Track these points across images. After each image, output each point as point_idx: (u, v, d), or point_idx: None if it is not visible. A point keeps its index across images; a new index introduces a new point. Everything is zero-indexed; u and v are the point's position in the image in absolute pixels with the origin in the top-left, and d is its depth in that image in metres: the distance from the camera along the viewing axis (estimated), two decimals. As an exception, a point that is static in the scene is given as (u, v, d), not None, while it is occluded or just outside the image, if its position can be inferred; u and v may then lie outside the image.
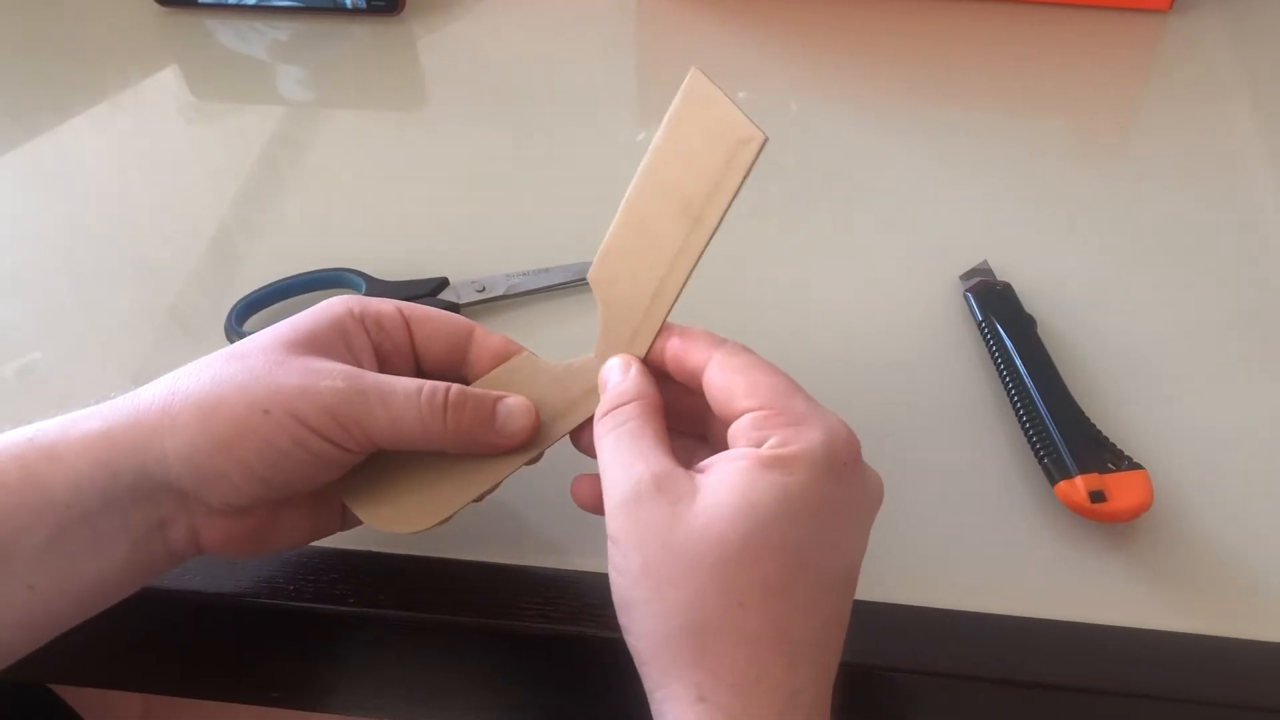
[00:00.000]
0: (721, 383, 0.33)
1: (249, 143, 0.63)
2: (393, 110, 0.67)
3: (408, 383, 0.34)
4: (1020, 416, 0.44)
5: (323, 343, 0.35)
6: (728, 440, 0.32)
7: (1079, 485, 0.40)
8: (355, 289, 0.51)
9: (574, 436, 0.37)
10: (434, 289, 0.51)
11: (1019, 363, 0.45)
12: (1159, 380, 0.47)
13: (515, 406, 0.36)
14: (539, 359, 0.38)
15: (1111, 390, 0.46)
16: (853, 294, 0.52)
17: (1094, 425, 0.43)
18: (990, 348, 0.47)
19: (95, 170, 0.62)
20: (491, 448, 0.36)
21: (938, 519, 0.42)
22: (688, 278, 0.35)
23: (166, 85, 0.69)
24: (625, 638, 0.31)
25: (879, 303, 0.51)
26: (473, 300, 0.51)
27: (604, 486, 0.32)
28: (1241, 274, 0.53)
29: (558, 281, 0.52)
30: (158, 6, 0.74)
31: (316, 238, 0.56)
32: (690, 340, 0.35)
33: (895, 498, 0.43)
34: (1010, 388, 0.45)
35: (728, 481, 0.30)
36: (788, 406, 0.32)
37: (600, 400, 0.35)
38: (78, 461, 0.32)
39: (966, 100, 0.66)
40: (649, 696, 0.31)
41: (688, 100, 0.35)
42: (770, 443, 0.31)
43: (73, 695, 0.63)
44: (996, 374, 0.46)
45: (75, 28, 0.75)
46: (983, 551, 0.41)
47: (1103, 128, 0.65)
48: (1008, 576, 0.40)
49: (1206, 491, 0.42)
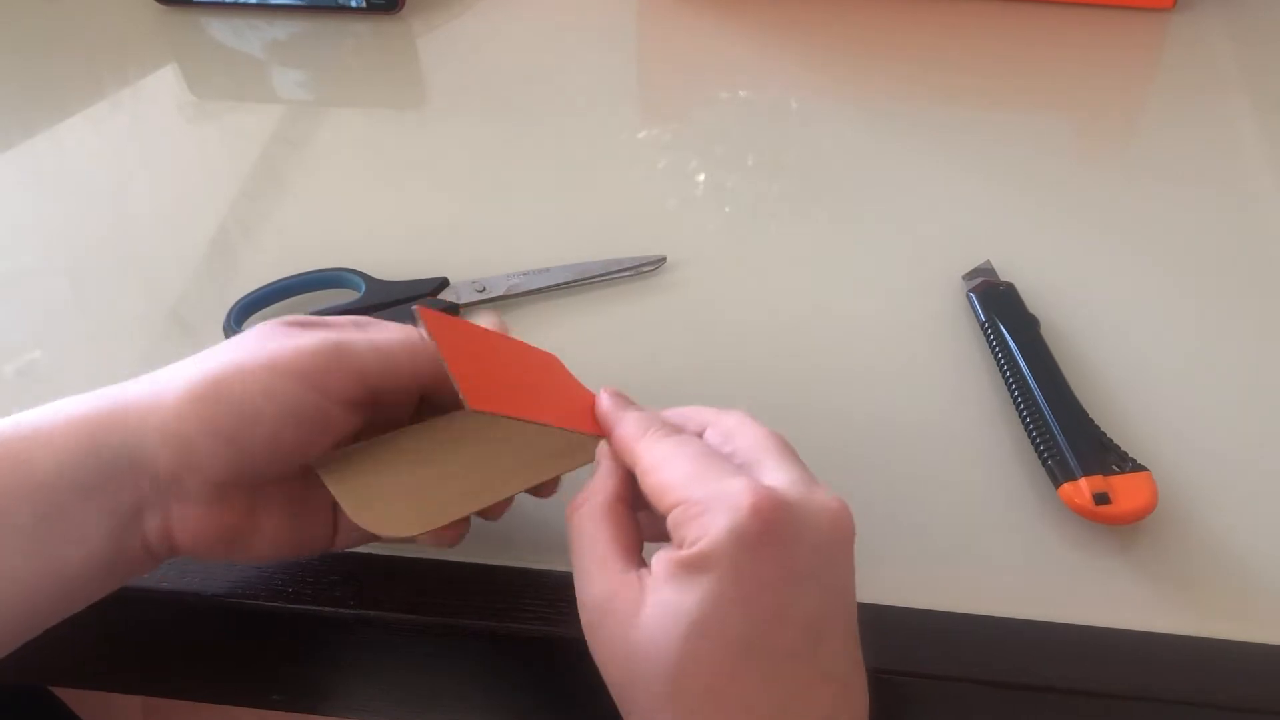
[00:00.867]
0: (650, 486, 0.33)
1: (248, 141, 0.63)
2: (392, 109, 0.67)
3: (398, 331, 0.36)
4: (1024, 418, 0.44)
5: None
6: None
7: (1083, 487, 0.40)
8: (355, 289, 0.51)
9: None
10: (434, 289, 0.51)
11: (1022, 363, 0.45)
12: (1163, 381, 0.47)
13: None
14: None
15: (1116, 392, 0.46)
16: (855, 294, 0.52)
17: (1098, 427, 0.42)
18: (993, 348, 0.47)
19: (94, 169, 0.62)
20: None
21: (940, 521, 0.42)
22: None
23: (166, 84, 0.69)
24: None
25: (881, 303, 0.51)
26: (473, 300, 0.50)
27: (575, 576, 0.33)
28: (1246, 275, 0.52)
29: (558, 282, 0.51)
30: (157, 4, 0.74)
31: (316, 237, 0.56)
32: (619, 441, 0.35)
33: (897, 500, 0.43)
34: (1014, 389, 0.45)
35: (659, 591, 0.30)
36: (694, 495, 0.31)
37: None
38: (61, 439, 0.32)
39: (969, 99, 0.66)
40: None
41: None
42: (687, 541, 0.30)
43: (72, 697, 0.63)
44: (1000, 375, 0.46)
45: (74, 26, 0.75)
46: (986, 554, 0.41)
47: (1106, 127, 0.64)
48: (1011, 579, 0.40)
49: (1211, 493, 0.42)
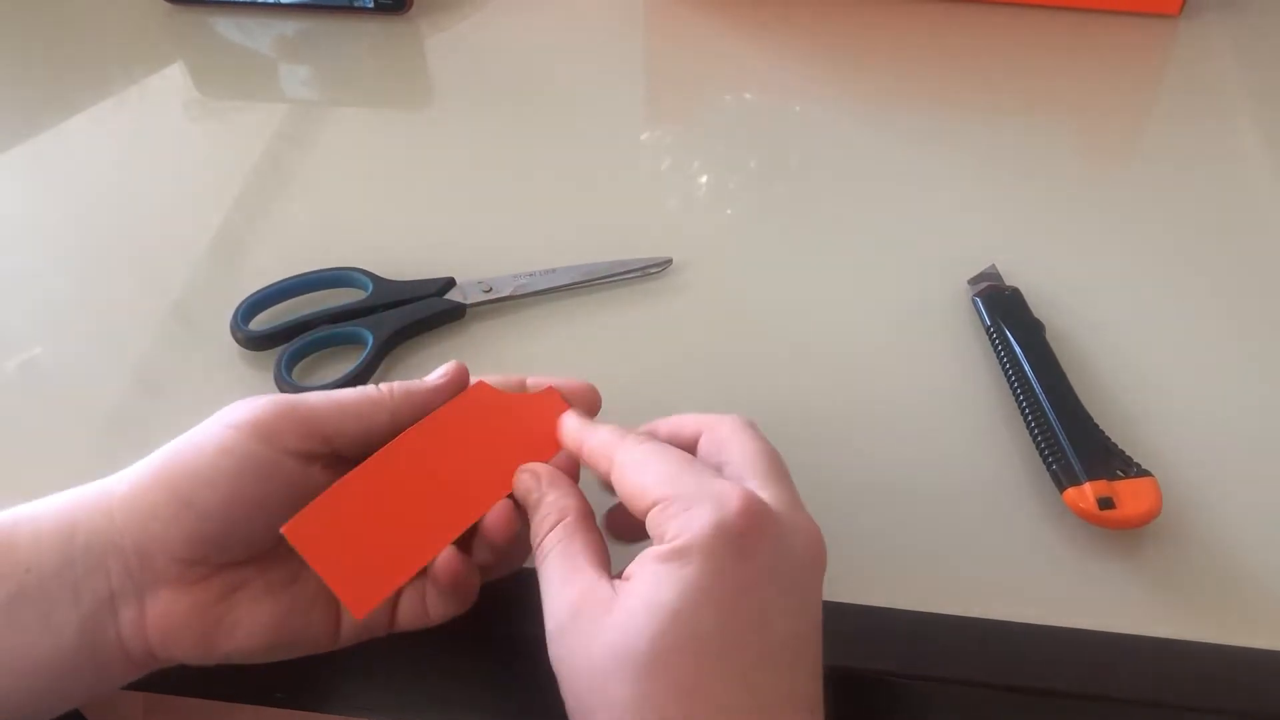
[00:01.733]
0: (627, 486, 0.33)
1: (255, 140, 0.63)
2: (399, 109, 0.67)
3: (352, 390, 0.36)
4: (1028, 422, 0.44)
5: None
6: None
7: (1087, 492, 0.40)
8: (361, 288, 0.51)
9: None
10: (440, 289, 0.51)
11: (1027, 368, 0.45)
12: (1168, 387, 0.47)
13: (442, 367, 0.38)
14: None
15: (1120, 396, 0.46)
16: (860, 297, 0.52)
17: (1103, 432, 0.42)
18: (998, 353, 0.47)
19: (100, 166, 0.62)
20: (430, 394, 0.37)
21: (945, 524, 0.42)
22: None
23: (172, 82, 0.69)
24: None
25: (887, 307, 0.51)
26: (479, 300, 0.51)
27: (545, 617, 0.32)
28: (1251, 280, 0.52)
29: (565, 283, 0.51)
30: (165, 2, 0.74)
31: (322, 236, 0.56)
32: (592, 450, 0.35)
33: (901, 502, 0.43)
34: (1018, 393, 0.45)
35: (634, 586, 0.30)
36: (679, 491, 0.31)
37: (533, 516, 0.35)
38: (42, 520, 0.33)
39: (974, 104, 0.66)
40: None
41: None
42: (668, 535, 0.30)
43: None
44: (1005, 379, 0.46)
45: (81, 23, 0.75)
46: (990, 558, 0.41)
47: (1112, 132, 0.64)
48: (1015, 583, 0.40)
49: (1215, 499, 0.42)
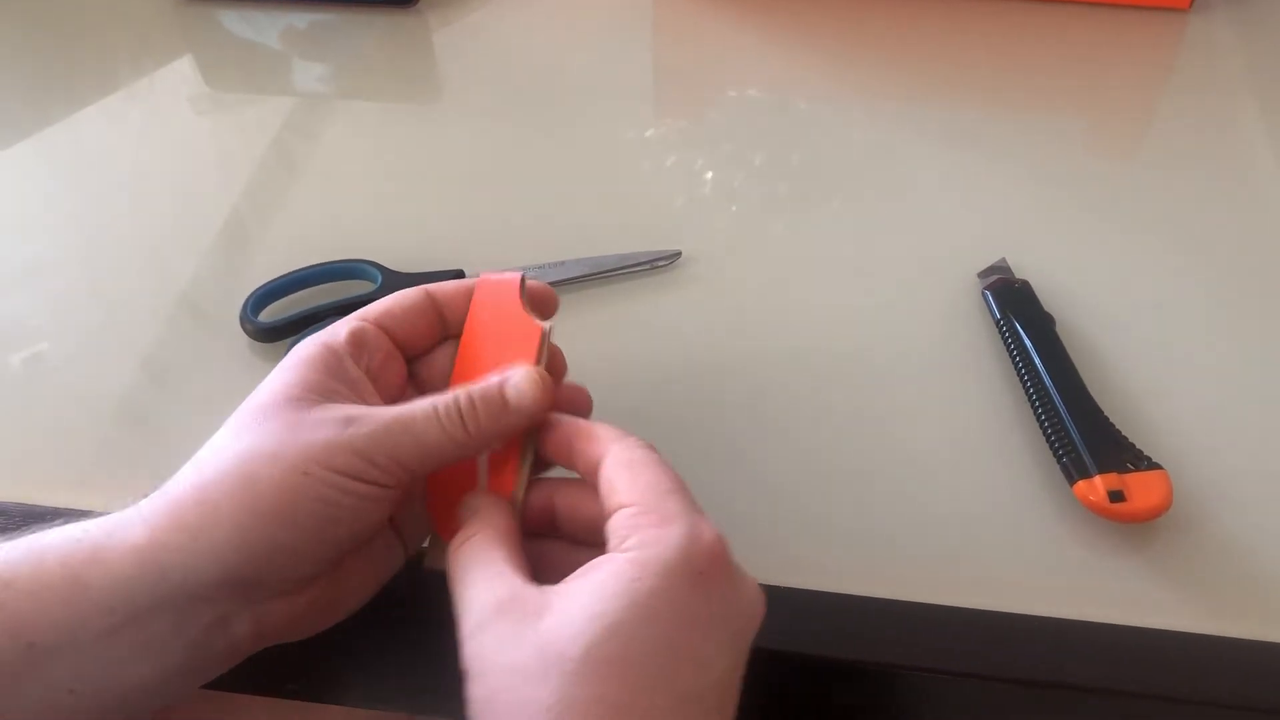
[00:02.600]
0: (608, 477, 0.32)
1: (263, 134, 0.63)
2: (407, 102, 0.67)
3: (422, 405, 0.34)
4: (1039, 415, 0.44)
5: (322, 389, 0.34)
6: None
7: (1098, 485, 0.40)
8: (370, 280, 0.51)
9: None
10: (449, 281, 0.51)
11: (1037, 361, 0.45)
12: (1178, 379, 0.47)
13: (521, 382, 0.35)
14: None
15: (1130, 389, 0.46)
16: (870, 291, 0.52)
17: (1113, 425, 0.42)
18: (1008, 346, 0.47)
19: (109, 159, 0.62)
20: (517, 428, 0.35)
21: (955, 517, 0.42)
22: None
23: (181, 75, 0.69)
24: None
25: (896, 301, 0.51)
26: (488, 293, 0.50)
27: (457, 620, 0.31)
28: (1261, 273, 0.52)
29: (573, 275, 0.51)
30: (173, -4, 0.74)
31: (331, 229, 0.56)
32: (588, 434, 0.34)
33: (911, 496, 0.43)
34: (1029, 386, 0.45)
35: (576, 591, 0.29)
36: (658, 506, 0.30)
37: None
38: (123, 564, 0.31)
39: (985, 98, 0.66)
40: None
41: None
42: (629, 543, 0.29)
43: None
44: (1015, 373, 0.46)
45: (91, 17, 0.75)
46: (1000, 551, 0.41)
47: (1122, 126, 0.64)
48: (1025, 576, 0.40)
49: (1226, 492, 0.42)
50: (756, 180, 0.59)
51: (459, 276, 0.51)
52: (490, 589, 0.30)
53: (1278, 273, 0.52)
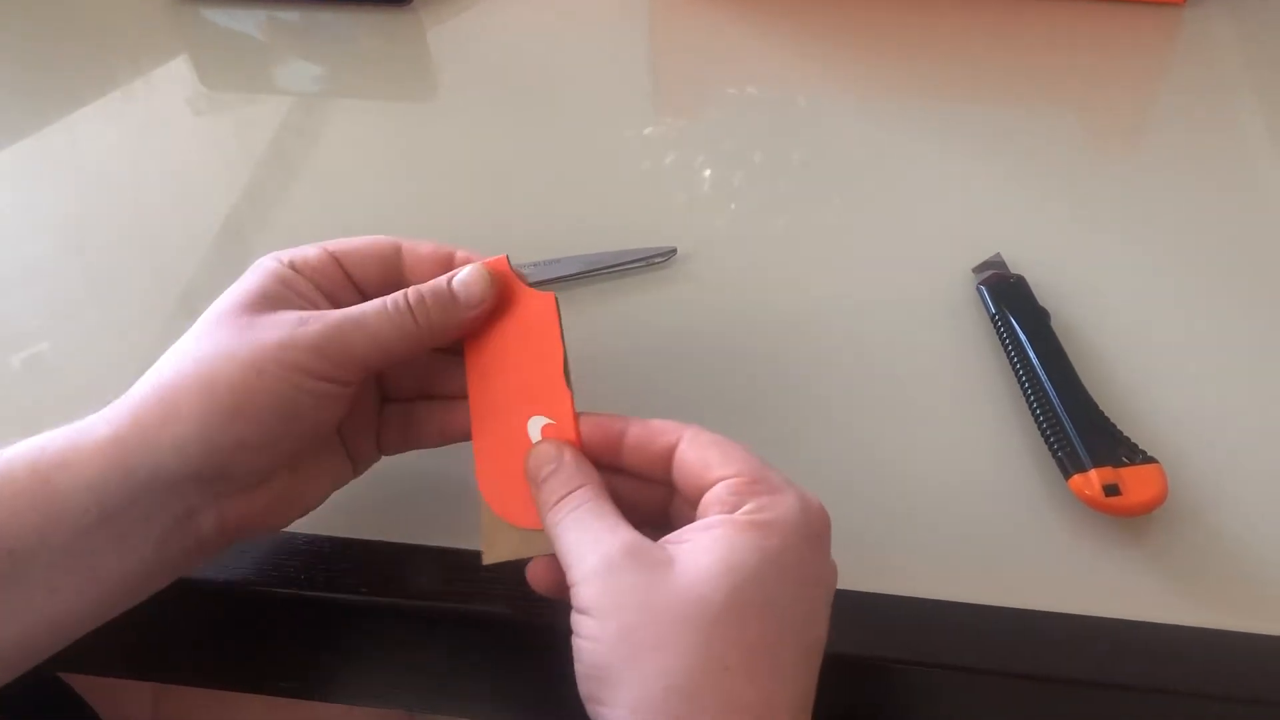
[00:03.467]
0: (695, 456, 0.33)
1: (259, 133, 0.63)
2: (403, 101, 0.67)
3: (373, 303, 0.36)
4: (1034, 410, 0.44)
5: (276, 298, 0.36)
6: (699, 512, 0.32)
7: (1093, 479, 0.40)
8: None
9: None
10: (445, 279, 0.51)
11: (1032, 356, 0.45)
12: (1173, 374, 0.47)
13: (469, 276, 0.37)
14: None
15: (1126, 383, 0.46)
16: (865, 287, 0.52)
17: (1108, 419, 0.42)
18: (1003, 341, 0.47)
19: (105, 159, 0.63)
20: (467, 323, 0.37)
21: (951, 512, 0.42)
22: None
23: (177, 75, 0.69)
24: (595, 710, 0.30)
25: (891, 296, 0.51)
26: (484, 291, 0.51)
27: (569, 565, 0.32)
28: (1256, 268, 0.52)
29: (569, 272, 0.52)
30: (169, -4, 0.74)
31: (326, 227, 0.55)
32: (653, 426, 0.35)
33: (907, 491, 0.43)
34: (1024, 381, 0.45)
35: (706, 545, 0.30)
36: (763, 476, 0.32)
37: (541, 492, 0.34)
38: (90, 466, 0.32)
39: (980, 93, 0.66)
40: None
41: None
42: (747, 508, 0.31)
43: (83, 684, 0.63)
44: (1010, 367, 0.46)
45: (87, 16, 0.75)
46: (996, 545, 0.41)
47: (1117, 121, 0.64)
48: (1021, 570, 0.40)
49: (1221, 485, 0.42)
50: (753, 176, 0.59)
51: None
52: (614, 535, 0.31)
53: (1273, 267, 0.52)
